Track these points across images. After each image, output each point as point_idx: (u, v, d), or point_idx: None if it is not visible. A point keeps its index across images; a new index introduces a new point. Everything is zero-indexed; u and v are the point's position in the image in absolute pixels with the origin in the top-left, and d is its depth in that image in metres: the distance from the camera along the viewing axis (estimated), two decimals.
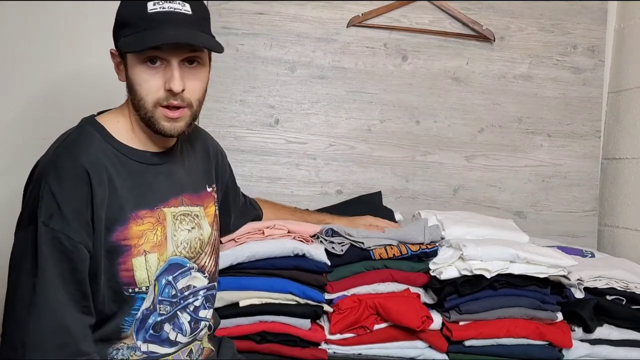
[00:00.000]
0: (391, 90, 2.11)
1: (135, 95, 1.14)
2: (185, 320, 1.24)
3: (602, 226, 2.19)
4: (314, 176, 2.08)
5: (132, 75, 1.13)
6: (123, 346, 1.17)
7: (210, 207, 1.33)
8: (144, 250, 1.15)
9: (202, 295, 1.28)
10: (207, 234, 1.30)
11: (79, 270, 1.08)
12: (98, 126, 1.17)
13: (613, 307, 1.61)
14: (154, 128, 1.15)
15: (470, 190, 2.14)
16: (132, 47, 1.09)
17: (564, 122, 2.17)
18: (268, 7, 2.05)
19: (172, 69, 1.11)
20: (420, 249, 1.61)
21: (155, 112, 1.13)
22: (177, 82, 1.11)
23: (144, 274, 1.15)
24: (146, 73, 1.12)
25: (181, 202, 1.25)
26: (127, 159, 1.17)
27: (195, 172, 1.32)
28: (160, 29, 1.09)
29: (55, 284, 1.05)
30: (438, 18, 2.12)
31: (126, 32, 1.11)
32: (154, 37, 1.08)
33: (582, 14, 2.17)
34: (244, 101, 2.06)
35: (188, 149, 1.32)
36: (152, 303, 1.18)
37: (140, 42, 1.08)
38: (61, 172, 1.08)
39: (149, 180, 1.19)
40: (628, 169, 2.09)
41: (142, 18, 1.09)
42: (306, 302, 1.51)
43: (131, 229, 1.14)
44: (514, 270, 1.56)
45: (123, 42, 1.11)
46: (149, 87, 1.12)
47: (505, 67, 2.15)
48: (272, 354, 1.49)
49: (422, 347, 1.56)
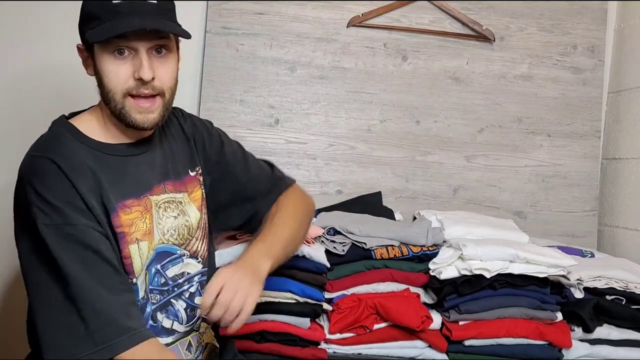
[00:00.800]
0: (391, 90, 2.11)
1: (104, 88, 1.14)
2: (181, 308, 1.24)
3: (602, 226, 2.19)
4: (314, 176, 2.08)
5: (100, 68, 1.13)
6: None
7: (196, 192, 1.31)
8: (136, 238, 1.16)
9: (197, 281, 1.28)
10: (196, 219, 1.29)
11: (99, 250, 1.08)
12: (69, 126, 1.18)
13: (613, 307, 1.61)
14: (125, 121, 1.14)
15: (470, 190, 2.13)
16: (98, 37, 1.09)
17: (564, 122, 2.17)
18: (268, 7, 2.05)
19: (141, 58, 1.11)
20: (422, 251, 1.62)
21: (126, 103, 1.13)
22: (146, 70, 1.10)
23: (139, 262, 1.16)
24: (114, 64, 1.11)
25: (163, 190, 1.24)
26: (103, 155, 1.17)
27: (175, 158, 1.30)
28: (127, 18, 1.09)
29: (80, 278, 1.04)
30: (438, 18, 2.12)
31: (92, 25, 1.11)
32: (120, 26, 1.08)
33: (582, 14, 2.17)
34: (244, 101, 2.06)
35: (165, 135, 1.30)
36: (145, 292, 1.18)
37: (106, 31, 1.08)
38: (40, 173, 1.09)
39: (131, 171, 1.19)
40: (628, 169, 2.09)
41: (108, 10, 1.10)
42: (305, 301, 1.51)
43: (120, 217, 1.14)
44: (514, 270, 1.56)
45: (90, 34, 1.11)
46: (118, 77, 1.12)
47: (505, 67, 2.15)
48: (272, 353, 1.49)
49: (421, 347, 1.56)
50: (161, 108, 1.16)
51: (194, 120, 1.38)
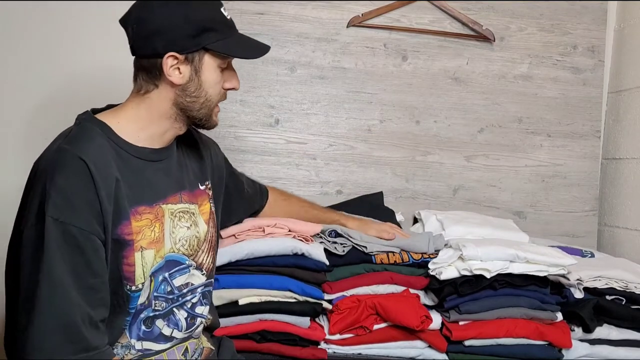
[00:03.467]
0: (391, 90, 2.11)
1: (199, 97, 1.21)
2: (182, 317, 1.25)
3: (602, 226, 2.19)
4: (314, 176, 2.08)
5: (207, 78, 1.20)
6: (117, 345, 1.17)
7: (205, 205, 1.33)
8: (140, 246, 1.16)
9: (199, 292, 1.29)
10: (204, 232, 1.30)
11: (92, 261, 1.07)
12: (98, 122, 1.18)
13: (613, 307, 1.61)
14: (207, 125, 1.27)
15: (470, 190, 2.14)
16: (238, 52, 1.21)
17: (564, 122, 2.17)
18: (268, 7, 2.05)
19: (232, 71, 1.25)
20: (422, 258, 1.61)
21: (214, 109, 1.26)
22: (238, 82, 1.26)
23: (140, 270, 1.16)
24: (220, 76, 1.22)
25: (180, 199, 1.26)
26: (127, 155, 1.17)
27: (190, 170, 1.32)
28: (246, 38, 1.25)
29: (64, 280, 1.04)
30: (438, 18, 2.12)
31: (210, 35, 1.17)
32: (257, 49, 1.24)
33: (582, 14, 2.17)
34: (244, 101, 2.06)
35: (182, 146, 1.33)
36: (147, 299, 1.18)
37: (245, 50, 1.23)
38: (66, 168, 1.08)
39: (148, 177, 1.20)
40: (628, 169, 2.09)
41: (223, 23, 1.20)
42: (305, 300, 1.51)
43: (132, 224, 1.15)
44: (514, 270, 1.56)
45: (218, 45, 1.18)
46: (219, 87, 1.24)
47: (505, 67, 2.15)
48: (272, 353, 1.49)
49: (421, 347, 1.56)
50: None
51: (207, 139, 1.47)
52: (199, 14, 1.16)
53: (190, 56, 1.17)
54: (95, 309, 1.08)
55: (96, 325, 1.08)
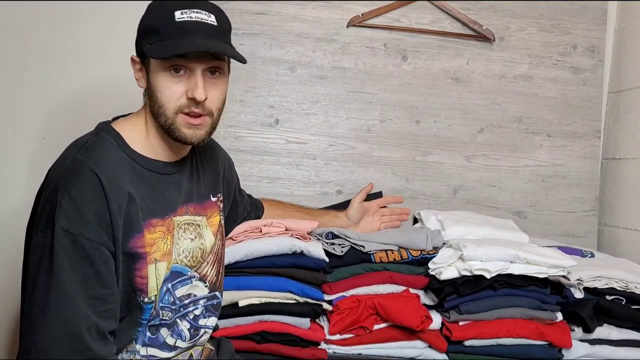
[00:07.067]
0: (391, 90, 2.11)
1: (155, 102, 1.15)
2: (185, 328, 1.25)
3: (602, 226, 2.19)
4: (314, 176, 2.08)
5: (155, 82, 1.14)
6: (123, 350, 1.17)
7: (214, 217, 1.33)
8: (154, 258, 1.16)
9: (202, 305, 1.28)
10: (210, 243, 1.30)
11: (102, 272, 1.07)
12: (114, 133, 1.18)
13: (613, 307, 1.61)
14: (174, 135, 1.17)
15: (470, 190, 2.14)
16: (160, 53, 1.11)
17: (564, 122, 2.17)
18: (268, 7, 2.05)
19: (196, 78, 1.13)
20: (421, 255, 1.61)
21: (176, 119, 1.15)
22: (200, 91, 1.13)
23: (154, 282, 1.16)
24: (169, 80, 1.14)
25: (186, 211, 1.26)
26: (141, 168, 1.17)
27: (202, 182, 1.32)
28: (189, 38, 1.11)
29: (72, 289, 1.03)
30: (438, 18, 2.12)
31: (153, 39, 1.12)
32: (184, 45, 1.10)
33: (582, 14, 2.17)
34: (244, 101, 2.06)
35: (198, 159, 1.33)
36: (155, 309, 1.18)
37: (169, 49, 1.10)
38: (80, 179, 1.08)
39: (161, 190, 1.20)
40: (628, 169, 2.09)
41: (170, 26, 1.11)
42: (305, 301, 1.51)
43: (146, 237, 1.15)
44: (514, 270, 1.56)
45: (149, 48, 1.12)
46: (171, 94, 1.14)
47: (505, 67, 2.15)
48: (273, 353, 1.49)
49: (421, 347, 1.56)
50: (209, 126, 1.20)
51: (225, 154, 1.49)
52: (146, 18, 1.17)
53: (146, 60, 1.16)
54: (104, 320, 1.07)
55: (104, 336, 1.07)
